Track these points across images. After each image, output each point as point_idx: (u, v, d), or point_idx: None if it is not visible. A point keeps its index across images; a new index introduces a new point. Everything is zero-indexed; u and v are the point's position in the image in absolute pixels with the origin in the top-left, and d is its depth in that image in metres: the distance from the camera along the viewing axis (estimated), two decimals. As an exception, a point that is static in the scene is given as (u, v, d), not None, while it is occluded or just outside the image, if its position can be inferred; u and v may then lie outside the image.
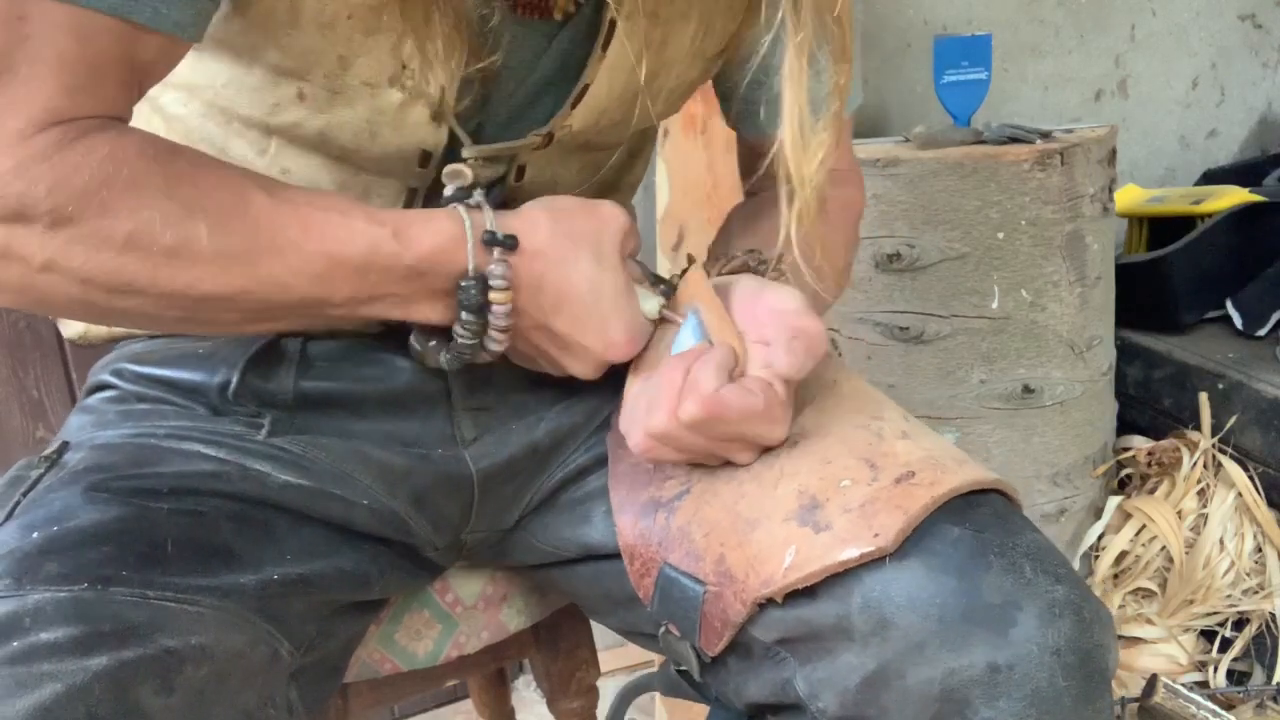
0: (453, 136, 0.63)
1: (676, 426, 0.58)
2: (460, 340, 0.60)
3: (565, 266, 0.59)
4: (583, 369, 0.63)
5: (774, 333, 0.60)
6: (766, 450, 0.61)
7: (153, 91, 0.60)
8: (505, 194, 0.67)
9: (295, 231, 0.55)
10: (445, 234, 0.58)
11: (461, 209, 0.59)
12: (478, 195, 0.61)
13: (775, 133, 0.62)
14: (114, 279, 0.52)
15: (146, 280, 0.52)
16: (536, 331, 0.62)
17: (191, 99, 0.64)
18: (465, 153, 0.63)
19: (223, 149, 0.64)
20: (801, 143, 0.61)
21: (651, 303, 0.64)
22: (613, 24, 0.63)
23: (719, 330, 0.62)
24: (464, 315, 0.59)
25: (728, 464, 0.62)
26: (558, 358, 0.63)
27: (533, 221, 0.60)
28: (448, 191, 0.62)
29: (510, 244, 0.58)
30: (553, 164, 0.68)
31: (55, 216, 0.50)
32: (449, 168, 0.63)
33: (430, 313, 0.60)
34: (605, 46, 0.64)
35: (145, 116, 0.66)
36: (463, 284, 0.58)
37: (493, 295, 0.58)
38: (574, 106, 0.65)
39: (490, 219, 0.58)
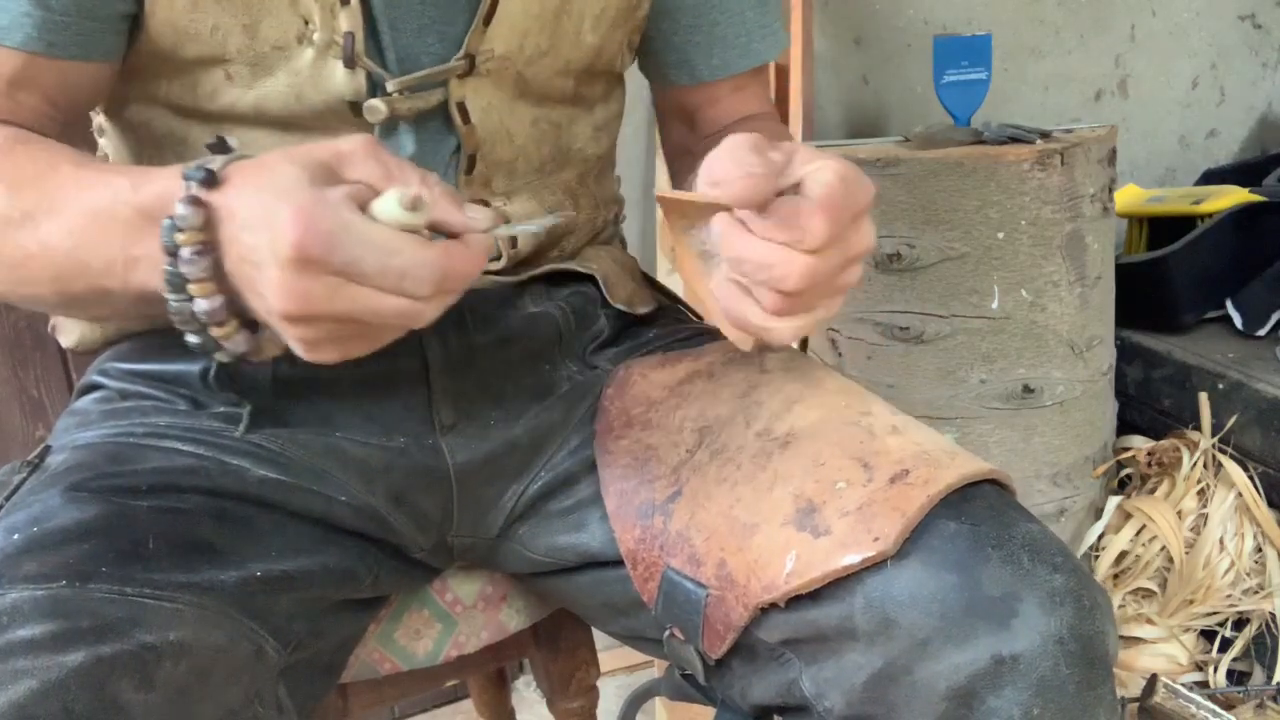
0: (378, 82, 0.63)
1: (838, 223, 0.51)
2: (169, 299, 0.50)
3: (259, 184, 0.48)
4: (273, 282, 0.46)
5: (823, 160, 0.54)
6: (765, 439, 0.62)
7: (116, 109, 0.67)
8: (460, 139, 0.66)
9: (71, 192, 0.55)
10: (172, 176, 0.50)
11: (209, 155, 0.51)
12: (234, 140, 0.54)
13: (721, 79, 0.59)
14: None
15: None
16: (241, 266, 0.49)
17: (151, 105, 0.67)
18: (389, 85, 0.63)
19: (184, 139, 0.66)
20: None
21: (388, 201, 0.48)
22: None
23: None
24: (165, 266, 0.49)
25: (718, 465, 0.62)
26: (254, 279, 0.48)
27: (260, 158, 0.50)
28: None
29: (201, 176, 0.48)
30: (499, 109, 0.68)
31: None
32: (367, 104, 0.63)
33: None
34: None
35: (120, 131, 0.70)
36: (163, 225, 0.49)
37: (177, 236, 0.48)
38: (486, 23, 0.65)
39: (220, 160, 0.50)
